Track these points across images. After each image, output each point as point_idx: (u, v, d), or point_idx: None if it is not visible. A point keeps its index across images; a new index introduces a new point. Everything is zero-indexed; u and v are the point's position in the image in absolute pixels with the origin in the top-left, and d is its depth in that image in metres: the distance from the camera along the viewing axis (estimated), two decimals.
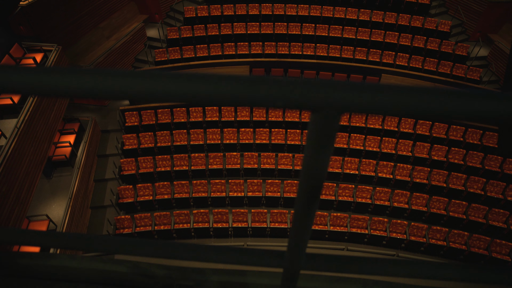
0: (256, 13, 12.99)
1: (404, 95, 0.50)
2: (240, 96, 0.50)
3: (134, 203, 9.81)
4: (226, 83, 0.50)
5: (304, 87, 0.50)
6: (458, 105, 0.49)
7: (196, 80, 0.51)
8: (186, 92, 0.50)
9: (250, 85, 0.50)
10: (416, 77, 11.93)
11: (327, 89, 0.50)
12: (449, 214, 9.65)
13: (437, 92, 0.50)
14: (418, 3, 13.10)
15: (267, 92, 0.50)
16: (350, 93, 0.50)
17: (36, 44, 9.63)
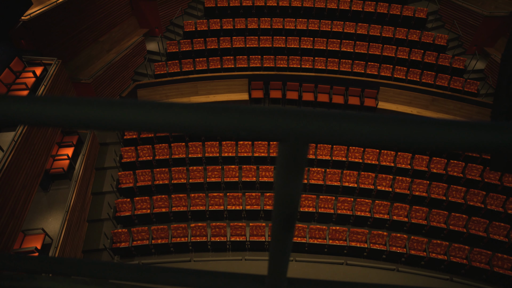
0: (255, 27, 13.15)
1: (373, 125, 0.49)
2: (201, 126, 0.49)
3: (132, 217, 9.73)
4: (186, 113, 0.49)
5: (268, 117, 0.49)
6: (435, 136, 0.48)
7: (158, 109, 0.50)
8: (146, 122, 0.49)
9: (212, 115, 0.49)
10: (414, 90, 12.00)
11: (292, 119, 0.49)
12: (449, 228, 9.56)
13: (412, 122, 0.49)
14: (415, 17, 13.27)
15: (230, 122, 0.49)
16: (316, 123, 0.49)
17: (36, 58, 9.71)
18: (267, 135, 0.49)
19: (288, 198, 0.59)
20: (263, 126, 0.49)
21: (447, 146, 0.48)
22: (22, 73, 9.22)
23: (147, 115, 0.49)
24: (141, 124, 0.49)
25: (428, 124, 0.49)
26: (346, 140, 0.49)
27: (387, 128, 0.48)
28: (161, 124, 0.49)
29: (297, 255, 9.35)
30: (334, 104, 12.11)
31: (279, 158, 0.54)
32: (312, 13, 13.52)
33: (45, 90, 8.60)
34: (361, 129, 0.48)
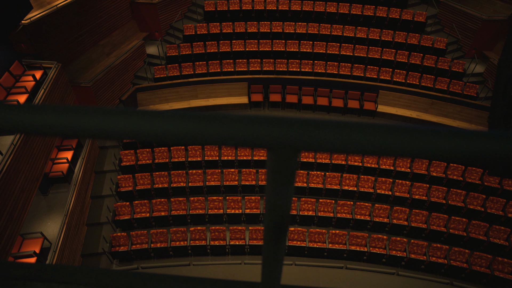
0: (254, 31, 13.19)
1: (361, 133, 0.48)
2: (189, 134, 0.48)
3: (131, 220, 9.71)
4: (175, 121, 0.49)
5: (255, 125, 0.48)
6: (422, 144, 0.48)
7: (146, 117, 0.49)
8: (134, 130, 0.49)
9: (198, 123, 0.48)
10: (413, 93, 12.02)
11: (279, 127, 0.48)
12: (449, 231, 9.53)
13: (402, 130, 0.48)
14: (414, 21, 13.31)
15: (218, 131, 0.48)
16: (304, 131, 0.48)
17: (36, 62, 9.73)
18: (255, 143, 0.49)
19: (279, 206, 0.59)
20: (250, 134, 0.48)
21: (436, 155, 0.48)
22: (21, 76, 9.24)
23: (133, 123, 0.49)
24: (126, 132, 0.48)
25: (416, 132, 0.48)
26: (334, 148, 0.48)
27: (375, 136, 0.48)
28: (148, 133, 0.49)
29: (297, 259, 9.31)
30: (334, 108, 12.12)
31: (268, 166, 0.53)
32: (312, 17, 13.57)
33: (45, 93, 8.61)
34: (349, 137, 0.48)
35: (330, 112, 12.19)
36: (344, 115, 12.15)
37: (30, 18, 10.04)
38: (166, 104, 12.16)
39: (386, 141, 0.48)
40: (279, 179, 0.54)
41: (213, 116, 0.49)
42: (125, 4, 13.20)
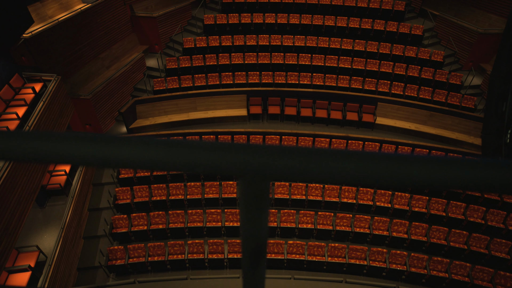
0: (253, 43, 13.31)
1: (333, 161, 0.47)
2: (156, 161, 0.47)
3: (128, 233, 9.62)
4: (143, 147, 0.48)
5: (224, 153, 0.47)
6: (398, 172, 0.47)
7: (113, 143, 0.48)
8: (101, 156, 0.48)
9: (168, 150, 0.48)
10: (411, 106, 12.06)
11: (249, 155, 0.47)
12: (450, 244, 9.43)
13: (378, 157, 0.47)
14: (411, 34, 13.46)
15: (185, 158, 0.47)
16: (273, 159, 0.47)
17: (36, 74, 9.80)
18: (223, 171, 0.48)
19: (253, 233, 0.57)
20: (219, 162, 0.47)
21: (416, 184, 0.47)
22: (21, 89, 9.29)
23: (100, 149, 0.48)
24: (93, 159, 0.47)
25: (391, 160, 0.47)
26: (304, 176, 0.47)
27: (346, 164, 0.47)
28: (115, 159, 0.48)
29: (296, 273, 9.19)
30: (332, 120, 12.15)
31: (240, 194, 0.52)
32: (310, 30, 13.73)
33: (44, 106, 8.64)
34: (320, 165, 0.47)
35: (329, 124, 12.21)
36: (343, 127, 12.17)
37: (31, 32, 10.16)
38: (165, 116, 12.19)
39: (358, 169, 0.47)
40: (252, 206, 0.53)
41: (181, 143, 0.48)
42: (125, 18, 13.37)
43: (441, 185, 0.49)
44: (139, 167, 0.48)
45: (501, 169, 0.46)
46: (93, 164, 0.48)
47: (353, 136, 11.15)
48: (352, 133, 11.58)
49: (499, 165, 0.46)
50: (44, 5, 12.25)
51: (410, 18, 14.57)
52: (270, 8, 14.06)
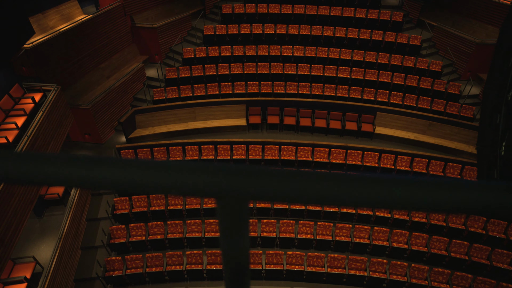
0: (252, 54, 13.41)
1: (309, 182, 0.47)
2: (130, 182, 0.47)
3: (126, 244, 9.54)
4: (116, 169, 0.47)
5: (201, 175, 0.47)
6: (373, 193, 0.46)
7: (87, 164, 0.48)
8: (74, 178, 0.47)
9: (143, 171, 0.47)
10: (410, 115, 12.08)
11: (226, 176, 0.47)
12: (451, 255, 9.34)
13: (354, 179, 0.47)
14: (409, 44, 13.56)
15: (160, 180, 0.46)
16: (250, 180, 0.47)
17: (36, 84, 9.85)
18: (199, 193, 0.47)
19: (234, 254, 0.56)
20: (195, 184, 0.47)
21: (386, 204, 0.46)
22: (21, 99, 9.32)
23: (75, 170, 0.47)
24: (65, 180, 0.47)
25: (370, 182, 0.46)
26: (281, 199, 0.47)
27: (323, 186, 0.46)
28: (88, 180, 0.47)
29: (295, 284, 9.09)
30: (332, 129, 12.16)
31: (218, 215, 0.52)
32: (309, 41, 13.84)
33: (43, 116, 8.66)
34: (297, 188, 0.46)
35: (328, 134, 12.22)
36: (342, 137, 12.17)
37: (32, 42, 10.24)
38: (164, 126, 12.21)
39: (338, 192, 0.47)
40: (231, 228, 0.52)
41: (156, 164, 0.47)
42: (126, 29, 13.50)
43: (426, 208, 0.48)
44: (113, 188, 0.47)
45: (498, 193, 0.45)
46: (64, 184, 0.47)
47: (352, 146, 11.15)
48: (351, 143, 11.58)
49: (496, 189, 0.46)
50: (45, 16, 12.38)
51: (408, 29, 14.71)
52: (269, 19, 14.19)
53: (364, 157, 11.13)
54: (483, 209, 0.46)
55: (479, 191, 0.46)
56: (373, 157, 11.12)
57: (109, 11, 12.58)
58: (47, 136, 8.77)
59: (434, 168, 11.04)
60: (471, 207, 0.45)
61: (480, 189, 0.46)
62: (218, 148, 11.15)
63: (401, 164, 11.10)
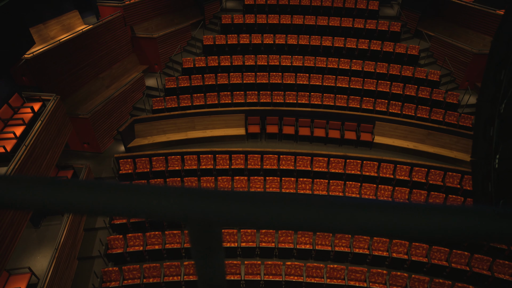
0: (252, 63, 13.49)
1: (280, 208, 0.45)
2: (96, 206, 0.45)
3: (124, 254, 9.45)
4: (83, 191, 0.46)
5: (168, 199, 0.45)
6: (335, 220, 0.45)
7: (52, 185, 0.46)
8: (35, 199, 0.46)
9: (109, 195, 0.46)
10: (409, 124, 12.09)
11: (194, 200, 0.45)
12: (452, 266, 9.24)
13: (332, 204, 0.45)
14: (407, 54, 13.65)
15: (127, 203, 0.45)
16: (222, 205, 0.45)
17: (36, 94, 9.88)
18: (168, 217, 0.46)
19: (208, 276, 0.55)
20: (163, 208, 0.45)
21: (357, 231, 0.44)
22: (20, 108, 9.34)
23: (40, 192, 0.46)
24: (23, 203, 0.45)
25: (341, 207, 0.45)
26: (252, 224, 0.45)
27: (294, 212, 0.45)
28: (51, 202, 0.46)
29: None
30: (331, 139, 12.16)
31: (190, 238, 0.50)
32: (308, 50, 13.93)
33: (42, 125, 8.67)
34: (265, 212, 0.45)
35: (327, 143, 12.21)
36: (341, 146, 12.16)
37: (33, 52, 10.31)
38: (163, 135, 12.21)
39: (310, 217, 0.45)
40: (202, 250, 0.51)
41: (124, 188, 0.46)
42: (126, 39, 13.60)
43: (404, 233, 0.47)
44: (79, 212, 0.46)
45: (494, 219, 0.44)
46: (26, 207, 0.46)
47: (352, 155, 11.13)
48: (350, 152, 11.56)
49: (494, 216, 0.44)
50: (46, 27, 12.51)
51: (406, 39, 14.82)
52: (268, 29, 14.32)
53: (363, 166, 11.10)
54: (471, 236, 0.45)
55: (465, 216, 0.45)
56: (372, 166, 11.09)
57: (109, 21, 12.69)
58: (45, 146, 8.76)
59: (434, 177, 11.00)
60: (456, 234, 0.44)
61: (467, 215, 0.45)
62: (217, 158, 11.13)
63: (400, 174, 11.06)
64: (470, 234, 0.45)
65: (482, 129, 2.43)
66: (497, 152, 3.09)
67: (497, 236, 0.44)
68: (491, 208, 0.47)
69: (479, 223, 0.45)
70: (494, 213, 0.46)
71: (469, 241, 0.46)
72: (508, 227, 0.45)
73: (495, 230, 0.45)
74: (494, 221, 0.45)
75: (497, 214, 0.45)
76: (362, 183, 10.74)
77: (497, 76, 3.54)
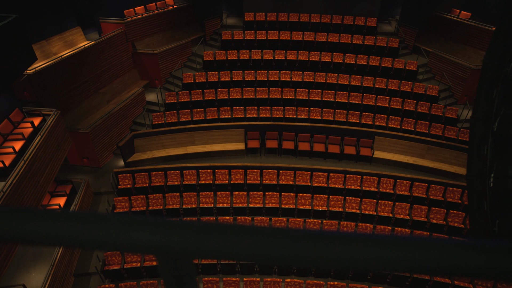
0: (251, 79, 13.60)
1: (256, 241, 0.44)
2: (57, 237, 0.44)
3: (121, 270, 9.31)
4: (43, 221, 0.45)
5: (135, 231, 0.44)
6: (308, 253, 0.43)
7: (14, 215, 0.45)
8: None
9: (75, 225, 0.44)
10: (409, 139, 12.09)
11: (161, 233, 0.44)
12: (454, 283, 9.07)
13: (283, 235, 0.44)
14: (406, 70, 13.77)
15: (89, 234, 0.44)
16: (189, 238, 0.44)
17: (36, 109, 9.94)
18: (135, 249, 0.44)
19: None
20: (129, 240, 0.44)
21: (334, 265, 0.43)
22: (20, 123, 9.38)
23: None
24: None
25: (304, 238, 0.44)
26: (223, 255, 0.44)
27: (269, 244, 0.43)
28: (14, 235, 0.44)
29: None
30: (330, 154, 12.14)
31: (159, 270, 0.49)
32: (307, 66, 14.07)
33: (41, 140, 8.68)
34: (241, 246, 0.43)
35: (327, 158, 12.19)
36: (341, 161, 12.13)
37: (35, 68, 10.42)
38: (163, 150, 12.21)
39: (285, 250, 0.44)
40: (173, 284, 0.49)
41: (88, 216, 0.45)
42: (127, 54, 13.77)
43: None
44: (40, 244, 0.45)
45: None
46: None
47: (351, 170, 11.09)
48: (350, 167, 11.52)
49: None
50: (49, 43, 12.67)
51: (404, 54, 14.98)
52: (268, 45, 14.50)
53: (363, 181, 11.04)
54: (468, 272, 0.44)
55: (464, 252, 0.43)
56: (372, 182, 11.03)
57: (111, 37, 12.88)
58: (44, 160, 8.76)
59: (434, 192, 10.92)
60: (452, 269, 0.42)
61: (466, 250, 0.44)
62: (216, 173, 11.09)
63: (401, 189, 10.99)
64: (453, 270, 0.44)
65: (476, 147, 2.42)
66: (491, 171, 3.07)
67: (481, 272, 0.42)
68: (473, 241, 0.46)
69: (462, 259, 0.43)
70: (476, 247, 0.44)
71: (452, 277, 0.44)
72: (492, 261, 0.43)
73: (480, 266, 0.43)
74: (477, 256, 0.44)
75: (480, 248, 0.43)
76: (362, 198, 10.66)
77: (489, 94, 3.56)
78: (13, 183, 7.23)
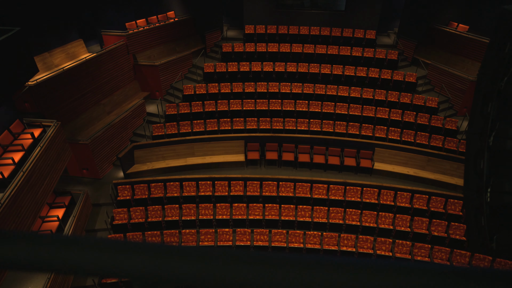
0: (251, 91, 13.68)
1: (222, 268, 0.43)
2: (35, 263, 0.43)
3: (118, 283, 9.20)
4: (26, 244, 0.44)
5: (112, 256, 0.43)
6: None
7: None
8: None
9: (50, 250, 0.43)
10: (409, 151, 12.08)
11: (141, 258, 0.43)
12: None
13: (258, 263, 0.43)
14: (405, 82, 13.84)
15: (71, 258, 0.43)
16: (165, 264, 0.43)
17: (37, 120, 9.97)
18: (107, 274, 0.43)
19: None
20: (107, 265, 0.43)
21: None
22: (20, 134, 9.39)
23: None
24: None
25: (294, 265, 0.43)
26: (197, 285, 0.43)
27: (244, 271, 0.42)
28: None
29: None
30: (330, 165, 12.11)
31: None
32: (307, 78, 14.16)
33: (41, 151, 8.69)
34: (215, 274, 0.42)
35: (327, 170, 12.15)
36: (341, 173, 12.09)
37: (36, 80, 10.50)
38: (162, 161, 12.20)
39: (261, 277, 0.43)
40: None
41: (64, 241, 0.44)
42: (128, 66, 13.89)
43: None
44: (13, 268, 0.44)
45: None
46: None
47: (351, 182, 11.04)
48: (350, 179, 11.48)
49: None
50: (51, 55, 12.81)
51: (403, 66, 15.09)
52: (268, 57, 14.63)
53: (364, 193, 10.99)
54: None
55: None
56: (373, 193, 10.97)
57: (113, 49, 13.01)
58: (44, 172, 8.74)
59: (435, 204, 10.84)
60: None
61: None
62: (216, 184, 11.05)
63: (401, 201, 10.92)
64: None
65: (472, 162, 2.41)
66: (488, 186, 3.04)
67: None
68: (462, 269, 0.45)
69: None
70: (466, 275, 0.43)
71: None
72: None
73: None
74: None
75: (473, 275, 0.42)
76: (362, 210, 10.59)
77: (484, 108, 3.56)
78: (11, 195, 7.20)
